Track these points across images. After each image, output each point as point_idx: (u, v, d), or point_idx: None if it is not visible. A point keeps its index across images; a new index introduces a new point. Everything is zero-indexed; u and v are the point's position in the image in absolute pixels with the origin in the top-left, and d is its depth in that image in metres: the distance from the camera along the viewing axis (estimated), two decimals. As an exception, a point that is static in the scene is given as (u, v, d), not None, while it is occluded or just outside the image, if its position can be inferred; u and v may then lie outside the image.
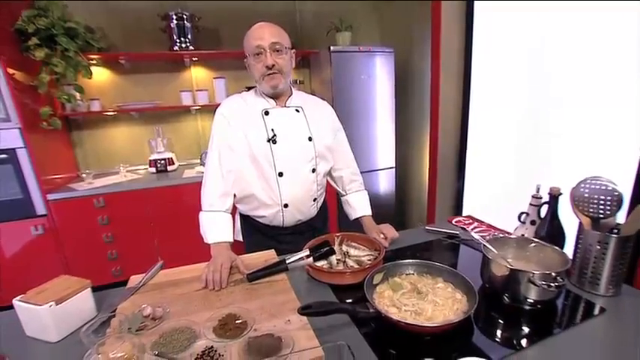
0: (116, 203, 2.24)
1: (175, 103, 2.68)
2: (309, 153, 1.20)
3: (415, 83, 2.92)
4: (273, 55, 1.07)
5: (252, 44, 1.07)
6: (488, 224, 1.35)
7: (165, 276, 1.00)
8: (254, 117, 1.15)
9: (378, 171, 2.97)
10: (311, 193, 1.24)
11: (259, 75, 1.10)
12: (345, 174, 1.37)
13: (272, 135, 1.14)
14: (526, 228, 1.07)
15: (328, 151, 1.27)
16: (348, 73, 2.67)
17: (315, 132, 1.21)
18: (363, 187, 1.41)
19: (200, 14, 2.58)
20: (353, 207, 1.34)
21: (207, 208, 1.12)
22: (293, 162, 1.17)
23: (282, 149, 1.15)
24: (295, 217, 1.24)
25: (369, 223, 1.29)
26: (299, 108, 1.22)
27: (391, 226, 1.21)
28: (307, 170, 1.21)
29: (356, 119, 2.77)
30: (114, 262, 2.32)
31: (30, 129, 2.06)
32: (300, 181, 1.20)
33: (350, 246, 1.08)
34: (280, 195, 1.18)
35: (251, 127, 1.14)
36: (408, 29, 2.91)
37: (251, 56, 1.09)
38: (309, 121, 1.21)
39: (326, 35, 2.88)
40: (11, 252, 2.13)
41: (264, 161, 1.14)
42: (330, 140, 1.27)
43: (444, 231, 1.26)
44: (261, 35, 1.06)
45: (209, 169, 1.15)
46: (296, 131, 1.19)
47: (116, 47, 2.56)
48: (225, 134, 1.14)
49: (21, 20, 2.05)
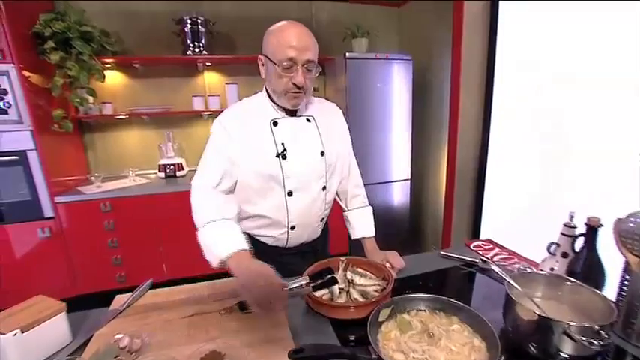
0: (123, 208, 2.21)
1: (187, 108, 2.65)
2: (320, 169, 1.07)
3: (434, 93, 2.80)
4: (304, 73, 0.93)
5: (284, 53, 0.89)
6: (511, 251, 1.22)
7: (153, 296, 0.93)
8: (261, 128, 1.01)
9: (393, 183, 2.85)
10: (319, 213, 1.12)
11: (282, 89, 0.95)
12: (350, 187, 1.24)
13: (282, 150, 1.00)
14: (556, 261, 0.94)
15: (339, 164, 1.15)
16: (363, 80, 2.59)
17: (327, 144, 1.08)
18: (367, 202, 1.27)
19: (215, 19, 2.55)
20: (353, 226, 1.22)
21: (207, 220, 0.88)
22: (304, 180, 1.04)
23: (292, 166, 1.01)
24: (300, 239, 1.13)
25: (371, 247, 1.17)
26: (310, 117, 1.08)
27: (397, 254, 1.09)
28: (318, 188, 1.08)
29: (371, 129, 2.67)
30: (118, 268, 2.29)
31: (41, 131, 2.05)
32: (310, 201, 1.07)
33: (355, 272, 0.98)
34: (288, 216, 1.06)
35: (257, 141, 1.00)
36: (428, 36, 2.80)
37: (278, 65, 0.91)
38: (320, 131, 1.08)
39: (342, 41, 2.81)
40: (18, 254, 2.12)
41: (271, 179, 1.01)
42: (340, 150, 1.15)
43: (461, 257, 1.14)
44: (297, 46, 0.90)
45: (202, 190, 0.96)
46: (308, 145, 1.05)
47: (131, 51, 2.56)
48: (225, 150, 0.98)
49: (39, 24, 2.06)
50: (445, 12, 2.48)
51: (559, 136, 1.84)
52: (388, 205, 2.87)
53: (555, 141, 1.86)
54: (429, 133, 2.90)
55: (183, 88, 2.73)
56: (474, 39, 2.32)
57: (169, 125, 2.72)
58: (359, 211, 1.24)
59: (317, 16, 2.97)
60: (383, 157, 2.77)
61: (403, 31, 3.22)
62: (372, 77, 2.60)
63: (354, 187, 1.24)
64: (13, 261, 2.11)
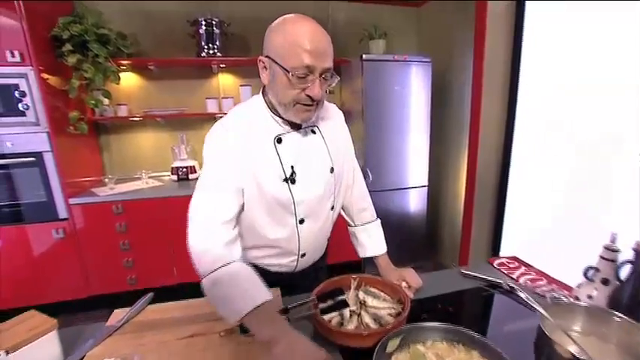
0: (134, 210, 2.21)
1: (201, 110, 2.63)
2: (330, 188, 0.94)
3: (454, 96, 2.68)
4: (321, 83, 0.77)
5: (299, 59, 0.73)
6: (538, 271, 1.12)
7: (151, 312, 0.87)
8: (264, 147, 0.85)
9: (409, 189, 2.74)
10: (327, 235, 1.03)
11: (291, 101, 0.78)
12: (354, 199, 1.10)
13: (290, 173, 0.86)
14: (595, 288, 0.83)
15: (345, 175, 1.03)
16: (380, 83, 2.50)
17: (335, 156, 0.95)
18: (375, 214, 1.14)
19: (229, 20, 2.53)
20: (363, 244, 1.09)
21: (212, 267, 0.74)
22: (315, 204, 0.91)
23: (303, 190, 0.88)
24: (308, 264, 1.03)
25: (385, 264, 1.06)
26: (315, 128, 0.93)
27: (414, 272, 0.98)
28: (327, 209, 0.96)
29: (387, 133, 2.58)
30: (129, 270, 2.28)
31: (57, 133, 2.07)
32: (321, 224, 0.96)
33: (368, 293, 0.90)
34: (299, 245, 0.94)
35: (261, 163, 0.84)
36: (448, 37, 2.69)
37: (291, 74, 0.74)
38: (327, 143, 0.94)
39: (359, 43, 2.73)
40: (34, 254, 2.14)
41: (280, 207, 0.87)
42: (345, 159, 1.02)
43: (483, 277, 1.04)
44: (314, 50, 0.74)
45: (208, 227, 0.79)
46: (317, 162, 0.91)
47: (146, 53, 2.56)
48: (232, 176, 0.82)
49: (57, 27, 2.09)
50: (467, 12, 2.37)
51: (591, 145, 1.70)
52: (404, 212, 2.77)
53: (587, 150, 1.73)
54: (448, 138, 2.79)
55: (197, 90, 2.72)
56: (497, 40, 2.20)
57: (183, 127, 2.71)
58: (368, 227, 1.10)
59: (334, 17, 2.90)
60: (399, 163, 2.67)
61: (422, 32, 3.11)
62: (390, 80, 2.51)
63: (360, 200, 1.11)
64: (29, 260, 2.14)
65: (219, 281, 0.73)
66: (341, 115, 1.05)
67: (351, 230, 1.13)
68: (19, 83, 1.97)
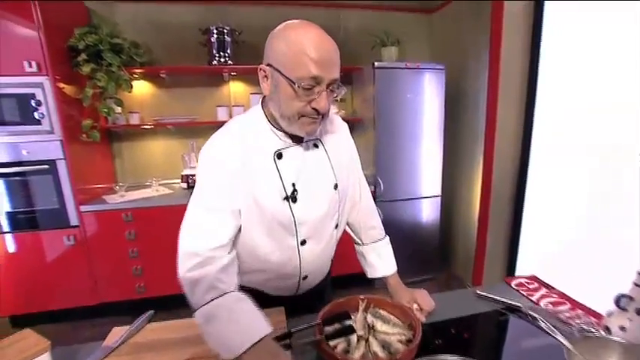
0: (144, 218, 2.21)
1: (212, 118, 2.64)
2: (334, 206, 0.88)
3: (468, 104, 2.61)
4: (328, 95, 0.73)
5: (306, 69, 0.68)
6: (561, 293, 1.04)
7: (150, 332, 0.84)
8: (263, 163, 0.79)
9: (422, 199, 2.67)
10: (331, 255, 0.97)
11: (295, 113, 0.72)
12: (361, 217, 1.03)
13: (291, 191, 0.80)
14: (628, 318, 0.76)
15: (350, 192, 0.97)
16: (392, 91, 2.45)
17: (339, 172, 0.88)
18: (383, 231, 1.07)
19: (241, 28, 2.53)
20: (372, 264, 1.02)
21: (205, 298, 0.69)
22: (318, 223, 0.85)
23: (305, 209, 0.82)
24: (310, 286, 0.97)
25: (395, 284, 0.99)
26: (318, 141, 0.87)
27: (427, 294, 0.92)
28: (331, 229, 0.90)
29: (399, 141, 2.53)
30: (138, 278, 2.28)
31: (70, 141, 2.10)
32: (324, 245, 0.90)
33: (377, 316, 0.84)
34: (301, 267, 0.88)
35: (260, 181, 0.78)
36: (463, 43, 2.63)
37: (297, 85, 0.69)
38: (330, 157, 0.88)
39: (371, 50, 2.70)
40: (45, 260, 2.16)
41: (280, 227, 0.81)
42: (350, 174, 0.96)
43: (500, 300, 0.98)
44: (322, 60, 0.68)
45: (201, 254, 0.72)
46: (319, 179, 0.85)
47: (159, 61, 2.59)
48: (229, 197, 0.76)
49: (74, 37, 2.13)
50: (481, 16, 2.31)
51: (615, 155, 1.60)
52: (416, 222, 2.69)
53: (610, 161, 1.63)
54: (463, 146, 2.71)
55: (208, 97, 2.73)
56: (514, 43, 2.13)
57: (194, 135, 2.72)
58: (377, 246, 1.04)
59: (345, 24, 2.88)
60: (412, 172, 2.60)
61: (435, 39, 3.06)
62: (402, 87, 2.46)
63: (368, 217, 1.04)
64: (41, 266, 2.16)
65: (213, 315, 0.68)
66: (345, 126, 0.98)
67: (358, 249, 1.07)
68: (36, 92, 2.01)
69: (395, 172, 2.56)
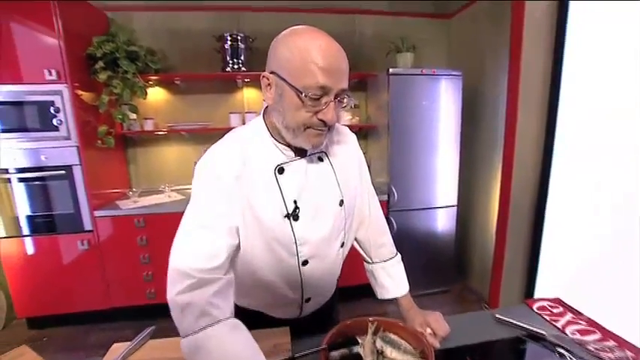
0: (155, 224, 2.22)
1: (225, 124, 2.64)
2: (339, 224, 0.83)
3: (486, 111, 2.53)
4: (336, 106, 0.69)
5: (313, 78, 0.64)
6: (590, 319, 0.96)
7: (151, 349, 0.82)
8: (263, 179, 0.74)
9: (437, 209, 2.59)
10: (337, 275, 0.92)
11: (300, 123, 0.68)
12: (371, 234, 0.98)
13: (293, 208, 0.75)
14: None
15: (357, 207, 0.92)
16: (407, 98, 2.40)
17: (345, 187, 0.83)
18: (395, 249, 1.01)
19: (255, 35, 2.53)
20: (383, 285, 0.96)
21: (195, 326, 0.62)
22: (321, 242, 0.80)
23: (306, 228, 0.77)
24: (314, 308, 0.92)
25: (407, 305, 0.93)
26: (323, 154, 0.82)
27: (441, 317, 0.87)
28: (336, 248, 0.85)
29: (414, 150, 2.47)
30: (149, 284, 2.29)
31: (86, 147, 2.13)
32: (328, 265, 0.85)
33: (387, 341, 0.79)
34: (303, 289, 0.83)
35: (259, 197, 0.73)
36: (480, 49, 2.55)
37: (304, 94, 0.65)
38: (336, 171, 0.83)
39: (385, 56, 2.66)
40: (60, 264, 2.19)
41: (280, 246, 0.76)
42: (358, 189, 0.91)
43: (521, 326, 0.91)
44: (331, 69, 0.65)
45: (194, 276, 0.64)
46: (324, 195, 0.80)
47: (174, 68, 2.63)
48: (225, 214, 0.70)
49: (92, 46, 2.17)
50: (501, 18, 2.23)
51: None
52: (431, 232, 2.61)
53: None
54: (480, 155, 2.62)
55: (221, 104, 2.74)
56: (536, 45, 2.03)
57: (207, 141, 2.73)
58: (387, 265, 0.98)
59: (361, 30, 2.85)
60: (427, 181, 2.53)
61: (453, 44, 2.99)
62: (417, 94, 2.40)
63: (378, 234, 0.98)
64: (56, 270, 2.19)
65: (202, 346, 0.61)
66: (353, 138, 0.93)
67: (367, 267, 1.01)
68: (55, 100, 2.05)
69: (409, 181, 2.49)
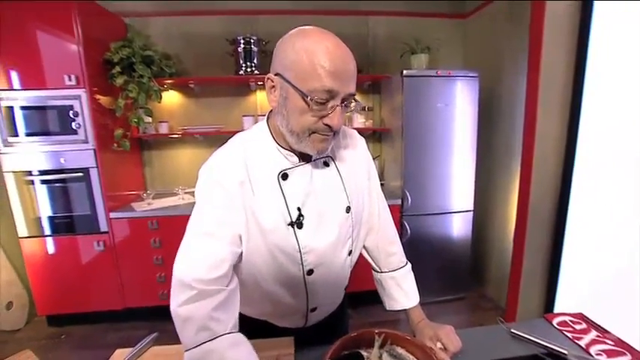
0: (168, 226, 2.25)
1: (238, 127, 2.66)
2: (346, 231, 0.80)
3: (504, 113, 2.45)
4: (342, 111, 0.67)
5: (320, 81, 0.62)
6: (617, 339, 0.89)
7: (153, 356, 0.82)
8: (266, 186, 0.72)
9: (453, 213, 2.52)
10: (344, 284, 0.89)
11: (305, 128, 0.66)
12: (381, 242, 0.94)
13: (297, 216, 0.73)
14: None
15: (365, 214, 0.88)
16: (422, 100, 2.35)
17: (352, 193, 0.81)
18: (405, 258, 0.97)
19: (268, 37, 2.54)
20: (392, 296, 0.92)
21: (196, 340, 0.61)
22: (327, 251, 0.77)
23: (311, 236, 0.74)
24: (320, 317, 0.90)
25: (417, 318, 0.89)
26: (329, 159, 0.79)
27: (452, 331, 0.82)
28: (343, 256, 0.81)
29: (429, 153, 2.41)
30: (162, 285, 2.32)
31: (102, 150, 2.19)
32: (335, 274, 0.82)
33: (393, 355, 0.76)
34: (308, 300, 0.81)
35: (262, 204, 0.71)
36: (498, 49, 2.47)
37: (310, 98, 0.63)
38: (343, 177, 0.80)
39: (400, 58, 2.61)
40: (77, 264, 2.25)
41: (284, 255, 0.74)
42: (366, 195, 0.88)
43: (540, 343, 0.85)
44: (338, 72, 0.62)
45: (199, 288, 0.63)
46: (329, 202, 0.77)
47: (188, 72, 2.66)
48: (228, 222, 0.69)
49: (110, 51, 2.23)
50: (520, 18, 2.15)
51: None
52: (446, 237, 2.54)
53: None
54: (497, 158, 2.54)
55: (235, 107, 2.76)
56: (556, 46, 1.93)
57: (220, 144, 2.72)
58: (397, 275, 0.93)
59: (374, 32, 2.82)
60: (443, 185, 2.47)
61: (469, 45, 2.91)
62: (432, 96, 2.35)
63: (387, 242, 0.94)
64: (74, 269, 2.25)
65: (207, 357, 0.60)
66: (362, 141, 0.90)
67: (376, 276, 0.97)
68: (74, 104, 2.11)
69: (424, 185, 2.43)
